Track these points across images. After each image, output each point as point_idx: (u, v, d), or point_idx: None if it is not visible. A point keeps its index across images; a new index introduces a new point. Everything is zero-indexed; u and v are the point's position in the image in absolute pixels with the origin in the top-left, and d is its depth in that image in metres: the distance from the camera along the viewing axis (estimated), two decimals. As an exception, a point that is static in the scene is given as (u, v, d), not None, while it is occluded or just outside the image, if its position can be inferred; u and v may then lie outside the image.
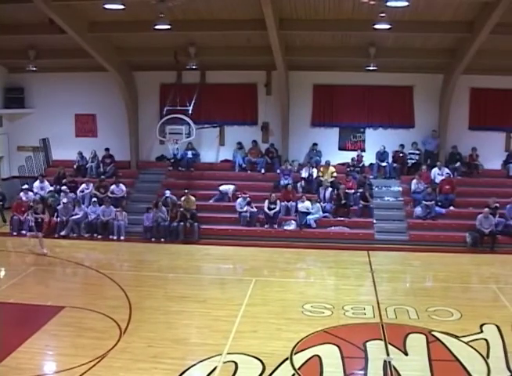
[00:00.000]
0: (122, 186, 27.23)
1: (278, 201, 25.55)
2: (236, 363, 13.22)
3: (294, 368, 13.09)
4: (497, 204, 24.87)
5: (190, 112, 26.97)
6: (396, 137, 27.96)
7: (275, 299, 17.61)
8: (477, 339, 14.93)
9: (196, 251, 23.61)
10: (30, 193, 26.84)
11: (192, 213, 25.31)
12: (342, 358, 13.63)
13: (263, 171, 28.23)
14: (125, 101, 28.61)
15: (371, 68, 25.28)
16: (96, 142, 29.64)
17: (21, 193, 26.89)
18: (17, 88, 29.91)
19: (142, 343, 14.29)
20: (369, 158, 28.17)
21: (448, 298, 17.97)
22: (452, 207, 25.90)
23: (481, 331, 15.43)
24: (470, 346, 14.51)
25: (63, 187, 27.07)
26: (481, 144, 27.39)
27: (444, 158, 27.56)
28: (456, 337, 14.98)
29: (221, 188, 27.09)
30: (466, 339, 14.86)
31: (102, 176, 28.06)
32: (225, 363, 13.26)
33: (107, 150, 29.12)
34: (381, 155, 28.00)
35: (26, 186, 27.21)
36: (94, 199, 26.26)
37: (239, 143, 28.80)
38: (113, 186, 27.11)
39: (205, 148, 29.48)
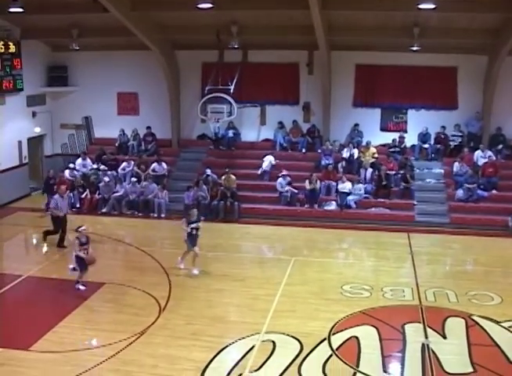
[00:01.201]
0: (163, 164, 27.38)
1: (318, 181, 25.48)
2: (274, 342, 13.31)
3: (332, 349, 13.13)
4: (541, 188, 24.54)
5: (232, 91, 26.93)
6: (438, 118, 27.61)
7: (314, 279, 17.64)
8: (517, 324, 14.82)
9: (236, 230, 23.71)
10: (75, 172, 27.08)
11: (232, 192, 25.38)
12: (380, 340, 13.64)
13: (304, 150, 28.14)
14: (167, 79, 28.68)
15: (414, 48, 24.95)
16: (138, 121, 29.79)
17: (66, 171, 27.15)
18: (60, 67, 30.11)
19: (182, 320, 14.45)
20: (410, 139, 27.89)
21: (488, 283, 17.81)
22: (494, 191, 25.57)
23: (522, 316, 15.30)
24: (510, 331, 14.41)
25: (102, 166, 27.31)
26: (525, 127, 26.99)
27: (487, 141, 27.19)
28: (496, 322, 14.89)
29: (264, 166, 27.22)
30: (506, 324, 14.75)
31: (144, 154, 28.26)
32: (263, 341, 13.36)
33: (149, 128, 29.27)
34: (423, 136, 27.70)
35: (71, 165, 27.45)
36: (133, 178, 26.43)
37: (281, 123, 28.71)
38: (154, 164, 27.27)
39: (246, 127, 29.44)
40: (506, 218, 23.88)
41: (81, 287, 16.29)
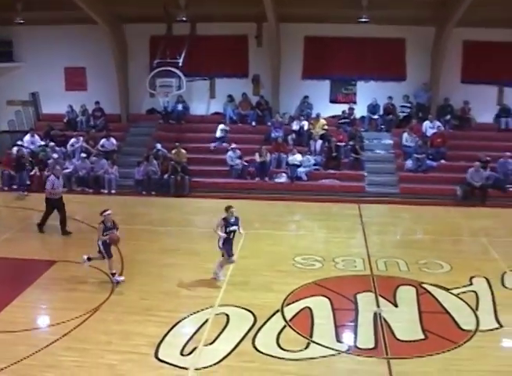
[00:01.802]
0: (113, 140, 27.14)
1: (268, 154, 25.52)
2: (227, 315, 13.34)
3: (285, 320, 13.22)
4: (488, 158, 24.92)
5: (180, 64, 26.73)
6: (387, 90, 27.83)
7: (266, 252, 17.71)
8: (466, 291, 15.09)
9: (188, 204, 23.66)
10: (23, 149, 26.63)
11: (183, 166, 25.29)
12: (333, 310, 13.76)
13: (254, 123, 28.13)
14: (114, 54, 28.35)
15: (363, 20, 25.03)
16: (86, 96, 29.42)
17: (14, 148, 26.71)
18: (5, 42, 29.51)
19: (135, 296, 14.38)
20: (360, 111, 28.10)
21: (438, 251, 18.08)
22: (443, 161, 25.94)
23: (471, 284, 15.59)
24: (460, 298, 14.67)
25: (51, 143, 26.94)
26: (473, 98, 27.33)
27: (435, 111, 27.50)
28: (446, 289, 15.13)
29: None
30: (455, 291, 15.01)
31: (93, 130, 27.94)
32: (216, 315, 13.37)
33: (97, 103, 28.96)
34: (373, 108, 27.92)
35: (19, 142, 27.01)
36: (83, 154, 26.13)
37: (230, 96, 28.65)
38: (103, 140, 27.02)
39: (196, 101, 29.32)
40: (454, 188, 24.26)
41: (120, 279, 15.32)
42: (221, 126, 27.53)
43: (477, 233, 20.32)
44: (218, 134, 27.35)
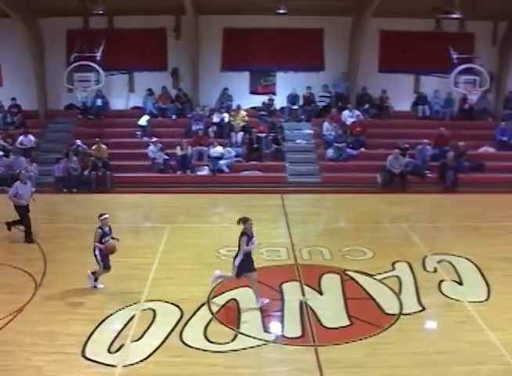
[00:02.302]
0: (31, 137, 26.57)
1: (189, 147, 25.44)
2: (154, 310, 13.26)
3: (212, 313, 13.23)
4: (407, 145, 25.46)
5: (99, 59, 26.39)
6: (307, 80, 28.08)
7: (190, 245, 17.66)
8: (389, 277, 15.42)
9: (110, 200, 23.38)
10: None
11: (104, 162, 24.99)
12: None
13: (174, 117, 27.99)
14: (30, 48, 27.69)
15: (281, 11, 25.15)
16: (2, 92, 28.74)
17: None
18: None
19: (59, 295, 14.15)
20: (280, 102, 28.26)
21: (360, 238, 18.38)
22: (363, 149, 26.35)
23: (393, 269, 15.92)
24: (383, 283, 14.97)
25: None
26: (390, 86, 27.86)
27: (354, 100, 27.88)
28: (369, 275, 15.41)
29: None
30: (379, 277, 15.30)
31: (10, 127, 27.32)
32: (143, 310, 13.28)
33: (14, 99, 28.27)
34: (292, 98, 28.12)
35: None
36: (0, 152, 25.52)
37: (149, 90, 28.42)
38: (21, 137, 26.43)
39: (115, 95, 28.97)
40: (374, 175, 24.67)
41: (99, 286, 14.64)
42: (146, 117, 27.38)
43: (398, 219, 20.76)
44: (142, 122, 27.12)
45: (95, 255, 14.43)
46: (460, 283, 15.35)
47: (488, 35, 28.39)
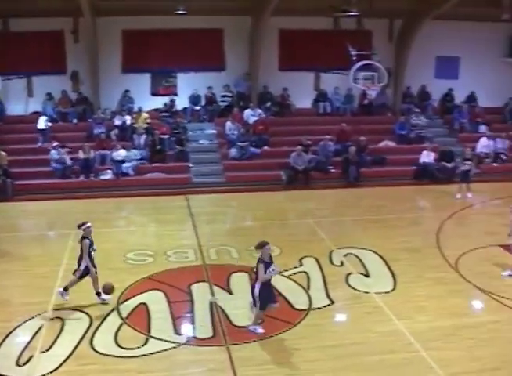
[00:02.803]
0: None
1: (92, 151, 25.00)
2: (62, 319, 12.96)
3: (122, 318, 13.04)
4: (309, 142, 25.76)
5: (-6, 63, 25.62)
6: (208, 80, 28.02)
7: (96, 250, 17.30)
8: (297, 272, 15.57)
9: (12, 209, 22.69)
10: None
11: (4, 169, 24.22)
12: (168, 303, 13.74)
13: (75, 121, 27.44)
14: None
15: (181, 12, 24.98)
16: None
17: None
18: None
19: (-40, 308, 13.68)
20: (182, 102, 28.10)
21: (267, 236, 18.23)
22: (266, 147, 26.50)
23: (301, 265, 16.10)
24: (292, 279, 15.11)
25: None
26: (291, 84, 28.12)
27: (256, 99, 28.02)
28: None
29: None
30: (287, 273, 15.42)
31: None
32: (51, 320, 12.97)
33: None
34: (194, 99, 28.03)
35: None
36: None
37: (49, 94, 27.70)
38: None
39: (13, 100, 28.05)
40: (278, 173, 24.84)
41: (65, 297, 13.79)
42: (44, 117, 26.56)
43: (304, 215, 20.97)
44: (41, 126, 26.33)
45: (79, 265, 13.89)
46: (367, 276, 15.66)
47: (385, 32, 29.10)
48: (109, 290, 13.69)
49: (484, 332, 12.61)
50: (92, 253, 13.83)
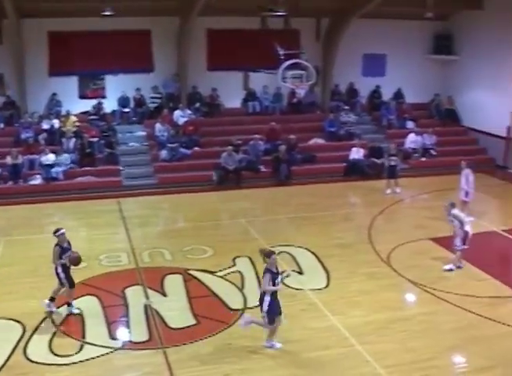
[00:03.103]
0: None
1: (20, 156, 24.52)
2: (-7, 329, 12.74)
3: (55, 325, 12.87)
4: (239, 141, 25.80)
5: None
6: (137, 82, 27.74)
7: (27, 257, 17.02)
8: (231, 272, 15.63)
9: None
10: None
11: None
12: (103, 308, 13.62)
13: (2, 125, 26.86)
14: None
15: (107, 13, 24.67)
16: None
17: None
18: None
19: None
20: (111, 105, 27.80)
21: (200, 237, 18.48)
22: (196, 148, 26.43)
23: (235, 264, 16.16)
24: (226, 280, 15.15)
25: None
26: (220, 84, 28.08)
27: (185, 100, 27.94)
28: (212, 272, 15.53)
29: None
30: (221, 273, 15.50)
31: None
32: (-20, 330, 12.72)
33: None
34: (123, 101, 27.76)
35: None
36: None
37: (-27, 99, 27.13)
38: None
39: None
40: (209, 173, 24.81)
41: (74, 311, 13.58)
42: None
43: (236, 215, 21.02)
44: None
45: (58, 274, 13.50)
46: (301, 273, 15.84)
47: (312, 31, 29.35)
48: (75, 260, 13.43)
49: (417, 324, 12.92)
50: (63, 256, 13.43)
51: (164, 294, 14.34)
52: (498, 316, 13.35)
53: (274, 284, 11.64)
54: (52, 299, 13.55)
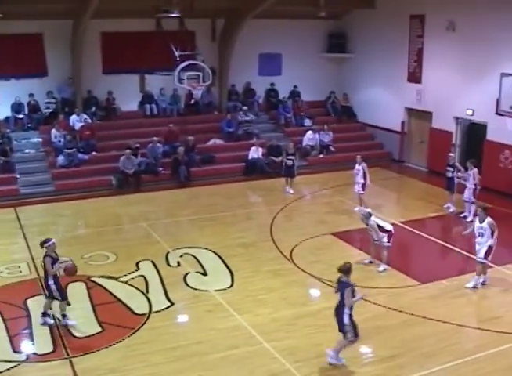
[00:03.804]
0: None
1: None
2: None
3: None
4: (138, 145, 25.58)
5: None
6: (30, 87, 27.03)
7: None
8: (135, 277, 15.54)
9: None
10: None
11: None
12: (4, 321, 13.31)
13: None
14: None
15: (-4, 16, 23.99)
16: None
17: None
18: None
19: None
20: (4, 111, 27.05)
21: (102, 242, 18.29)
22: (94, 153, 26.08)
23: (138, 269, 16.07)
24: (130, 285, 15.06)
25: None
26: (116, 87, 27.72)
27: (81, 104, 27.49)
28: (115, 278, 15.41)
29: None
30: (124, 279, 15.40)
31: None
32: None
33: None
34: (17, 107, 27.06)
35: None
36: None
37: None
38: None
39: None
40: (109, 178, 24.53)
41: (70, 323, 13.16)
42: None
43: (137, 218, 20.89)
44: None
45: (48, 286, 13.01)
46: (205, 274, 15.91)
47: (208, 32, 29.37)
48: (72, 269, 13.09)
49: (323, 318, 13.18)
50: (54, 267, 13.00)
51: (68, 303, 14.10)
52: (400, 306, 13.82)
53: (353, 297, 11.31)
54: (45, 315, 13.22)
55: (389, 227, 16.18)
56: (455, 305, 14.25)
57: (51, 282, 13.03)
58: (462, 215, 20.55)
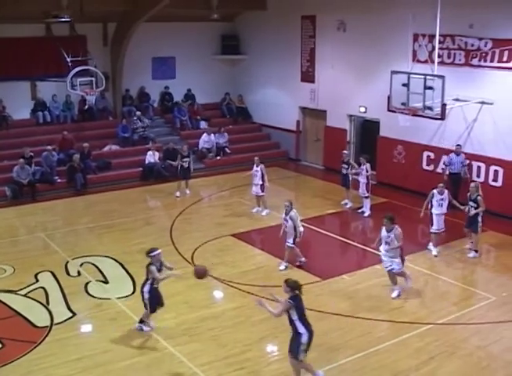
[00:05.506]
0: None
1: None
2: None
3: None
4: (31, 154, 24.96)
5: None
6: None
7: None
8: (34, 289, 15.20)
9: None
10: None
11: None
12: None
13: None
14: None
15: None
16: None
17: None
18: None
19: None
20: None
21: (-2, 255, 17.82)
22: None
23: (37, 281, 15.73)
24: (29, 297, 14.73)
25: None
26: (7, 95, 26.91)
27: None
28: (13, 291, 15.03)
29: None
30: (23, 292, 15.05)
31: None
32: None
33: None
34: None
35: None
36: None
37: None
38: None
39: None
40: (2, 189, 23.85)
41: (146, 329, 13.10)
42: None
43: (34, 229, 20.43)
44: None
45: (142, 293, 13.10)
46: (106, 282, 15.74)
47: (99, 36, 28.87)
48: (202, 271, 12.55)
49: (227, 319, 13.30)
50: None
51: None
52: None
53: None
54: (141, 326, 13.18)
55: (301, 229, 16.43)
56: (356, 299, 14.61)
57: (145, 289, 13.02)
58: (359, 211, 21.13)
